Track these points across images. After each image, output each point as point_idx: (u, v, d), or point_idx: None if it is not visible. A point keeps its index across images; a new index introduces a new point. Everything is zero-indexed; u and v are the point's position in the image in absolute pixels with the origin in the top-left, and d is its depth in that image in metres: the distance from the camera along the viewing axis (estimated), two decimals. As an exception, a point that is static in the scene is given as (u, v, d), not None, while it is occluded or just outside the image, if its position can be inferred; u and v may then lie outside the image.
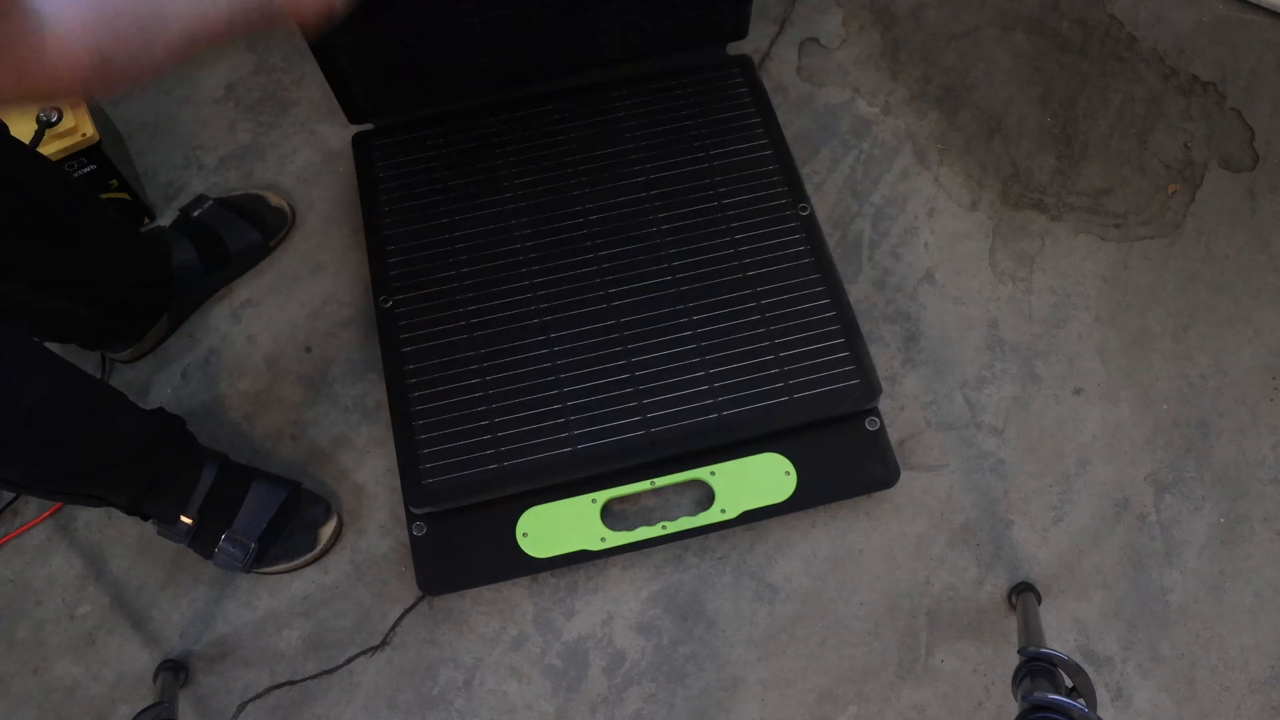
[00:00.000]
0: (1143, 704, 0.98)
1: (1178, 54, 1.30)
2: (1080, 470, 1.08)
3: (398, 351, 1.04)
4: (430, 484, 0.98)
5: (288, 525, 1.01)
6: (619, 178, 1.14)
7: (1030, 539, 1.05)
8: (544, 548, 0.99)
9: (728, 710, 0.98)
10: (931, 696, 0.99)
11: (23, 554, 1.05)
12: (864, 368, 1.02)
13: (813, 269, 1.08)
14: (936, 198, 1.22)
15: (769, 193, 1.12)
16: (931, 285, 1.17)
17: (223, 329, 1.16)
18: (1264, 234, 1.19)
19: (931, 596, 1.02)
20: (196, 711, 0.99)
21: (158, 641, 1.01)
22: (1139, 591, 1.02)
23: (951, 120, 1.27)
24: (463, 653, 1.01)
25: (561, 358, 1.04)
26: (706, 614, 1.02)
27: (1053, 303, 1.16)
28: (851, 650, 1.00)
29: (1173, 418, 1.10)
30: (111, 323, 1.05)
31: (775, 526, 1.05)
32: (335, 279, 1.18)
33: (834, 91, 1.29)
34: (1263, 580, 1.03)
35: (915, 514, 1.06)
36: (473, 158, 1.15)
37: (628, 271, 1.08)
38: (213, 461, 0.97)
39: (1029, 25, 1.33)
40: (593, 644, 1.01)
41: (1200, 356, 1.13)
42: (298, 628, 1.02)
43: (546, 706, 0.98)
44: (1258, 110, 1.26)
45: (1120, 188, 1.22)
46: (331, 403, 1.11)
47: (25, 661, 1.01)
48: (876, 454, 1.03)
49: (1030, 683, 0.77)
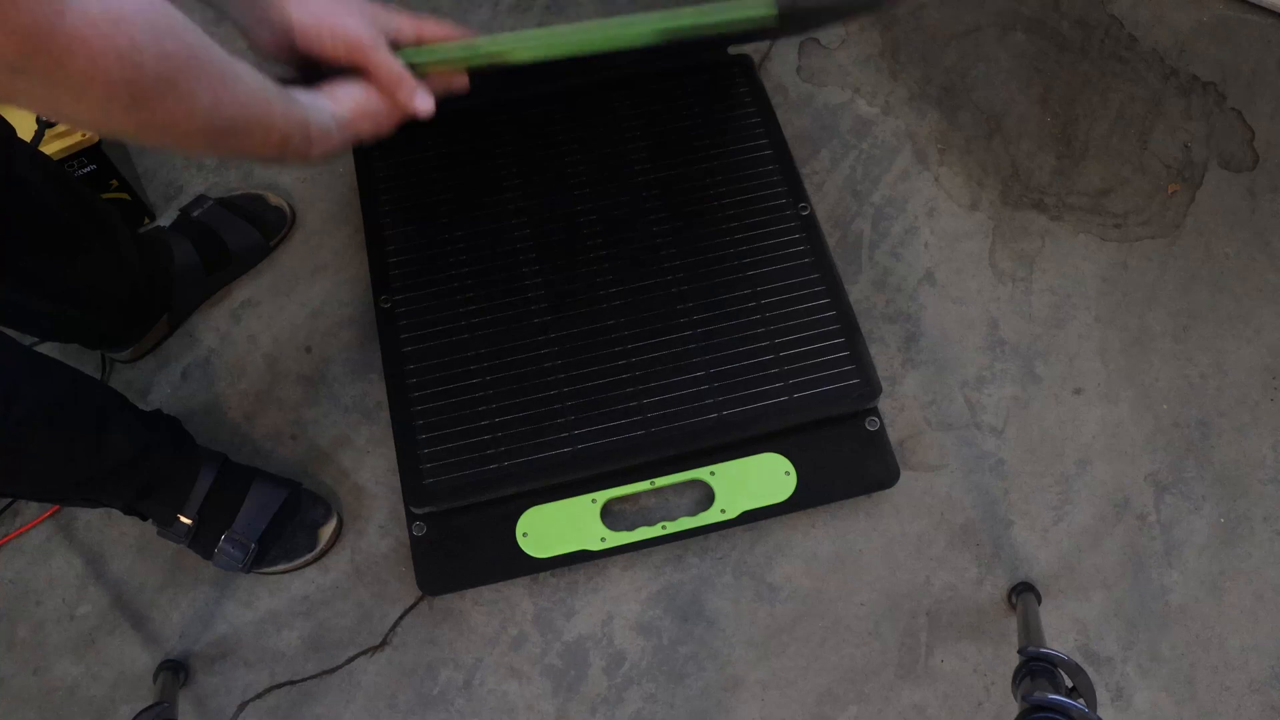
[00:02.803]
0: (1143, 704, 0.98)
1: (1178, 54, 1.30)
2: (1080, 470, 1.08)
3: (398, 351, 1.04)
4: (430, 484, 0.98)
5: (288, 526, 1.01)
6: (619, 178, 1.14)
7: (1030, 539, 1.05)
8: (544, 548, 0.99)
9: (728, 710, 0.98)
10: (931, 696, 0.99)
11: (23, 554, 1.05)
12: (864, 368, 1.02)
13: (813, 269, 1.08)
14: (936, 198, 1.22)
15: (769, 193, 1.12)
16: (931, 285, 1.17)
17: (223, 329, 1.16)
18: (1264, 234, 1.19)
19: (931, 596, 1.02)
20: (196, 711, 0.99)
21: (158, 641, 1.02)
22: (1139, 591, 1.03)
23: (951, 120, 1.27)
24: (463, 653, 1.01)
25: (562, 357, 1.04)
26: (706, 614, 1.02)
27: (1053, 303, 1.16)
28: (851, 650, 1.00)
29: (1173, 418, 1.10)
30: (112, 323, 1.04)
31: (775, 526, 1.05)
32: (335, 279, 1.18)
33: (834, 91, 1.29)
34: (1263, 580, 1.03)
35: (915, 514, 1.06)
36: (473, 157, 1.15)
37: (628, 271, 1.08)
38: (213, 462, 0.97)
39: (1029, 25, 1.33)
40: (593, 644, 1.01)
41: (1200, 356, 1.13)
42: (298, 628, 1.02)
43: (546, 706, 0.98)
44: (1258, 110, 1.26)
45: (1120, 188, 1.22)
46: (331, 403, 1.11)
47: (25, 661, 1.01)
48: (876, 454, 1.03)
49: (1030, 683, 0.77)
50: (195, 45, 0.53)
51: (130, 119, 0.51)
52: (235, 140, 0.58)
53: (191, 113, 0.53)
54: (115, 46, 0.47)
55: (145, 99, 0.50)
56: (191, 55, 0.52)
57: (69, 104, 0.48)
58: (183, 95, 0.52)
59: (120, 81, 0.48)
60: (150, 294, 1.07)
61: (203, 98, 0.54)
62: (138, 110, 0.50)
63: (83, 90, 0.47)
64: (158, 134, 0.54)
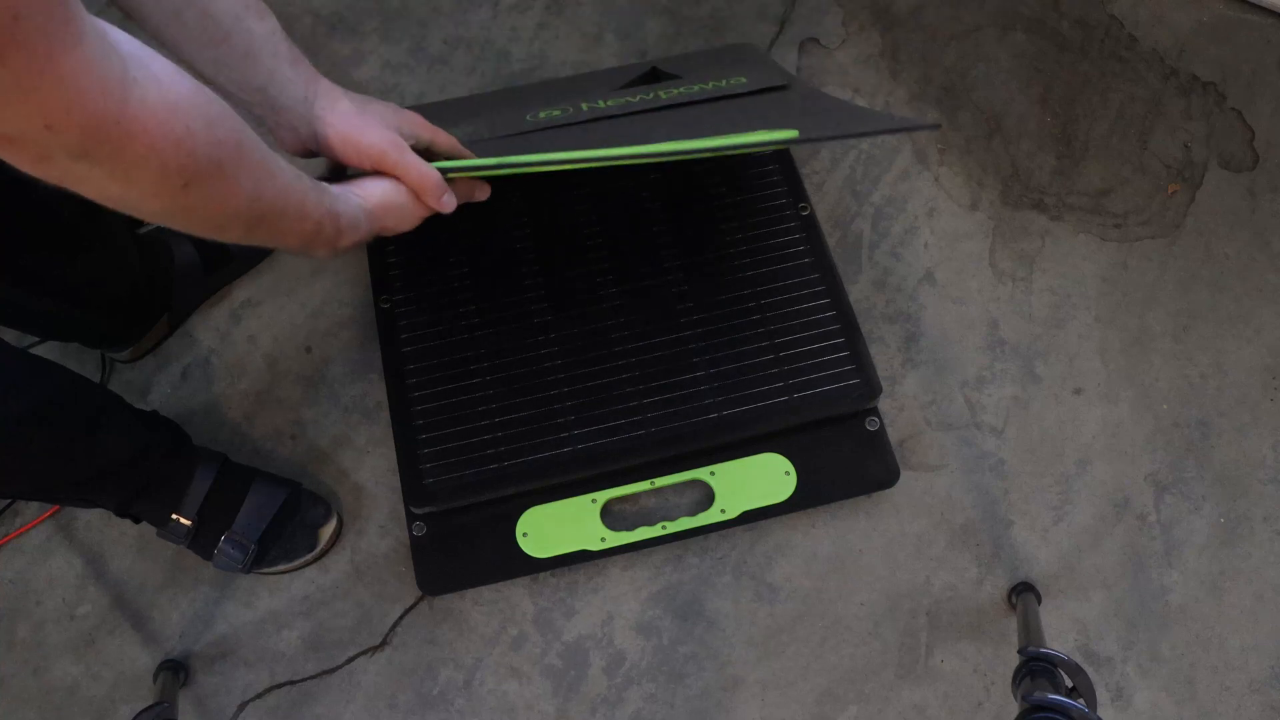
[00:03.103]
0: (1143, 704, 0.98)
1: (1178, 54, 1.30)
2: (1080, 470, 1.08)
3: (398, 351, 1.04)
4: (430, 484, 0.98)
5: (288, 526, 1.01)
6: (618, 177, 1.13)
7: (1030, 539, 1.05)
8: (544, 548, 0.99)
9: (728, 710, 0.98)
10: (931, 696, 0.99)
11: (23, 554, 1.05)
12: (864, 368, 1.02)
13: (813, 269, 1.08)
14: (936, 198, 1.22)
15: (769, 193, 1.12)
16: (931, 285, 1.17)
17: (223, 329, 1.16)
18: (1264, 234, 1.19)
19: (931, 596, 1.02)
20: (196, 711, 0.99)
21: (158, 641, 1.02)
22: (1139, 591, 1.03)
23: (951, 120, 1.27)
24: (463, 653, 1.01)
25: (562, 357, 1.04)
26: (706, 614, 1.02)
27: (1053, 303, 1.16)
28: (851, 650, 1.00)
29: (1173, 418, 1.10)
30: (112, 323, 1.04)
31: (775, 526, 1.05)
32: (335, 279, 1.18)
33: (834, 91, 1.29)
34: (1263, 580, 1.03)
35: (915, 514, 1.06)
36: (473, 158, 1.15)
37: (628, 271, 1.08)
38: (212, 462, 0.97)
39: (1029, 25, 1.33)
40: (593, 644, 1.01)
41: (1200, 356, 1.13)
42: (298, 628, 1.02)
43: (546, 706, 0.98)
44: (1258, 110, 1.26)
45: (1120, 188, 1.22)
46: (331, 403, 1.11)
47: (25, 661, 1.01)
48: (876, 454, 1.03)
49: (1030, 683, 0.77)
50: (241, 134, 0.55)
51: (179, 201, 0.53)
52: (271, 225, 0.61)
53: (235, 196, 0.56)
54: (173, 133, 0.49)
55: (196, 182, 0.52)
56: (238, 144, 0.55)
57: (121, 187, 0.50)
58: (229, 180, 0.55)
59: (174, 166, 0.51)
60: (150, 293, 1.07)
61: (246, 184, 0.56)
62: (187, 193, 0.52)
63: (139, 173, 0.50)
64: (201, 217, 0.56)
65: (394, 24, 1.33)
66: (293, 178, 0.62)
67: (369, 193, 0.73)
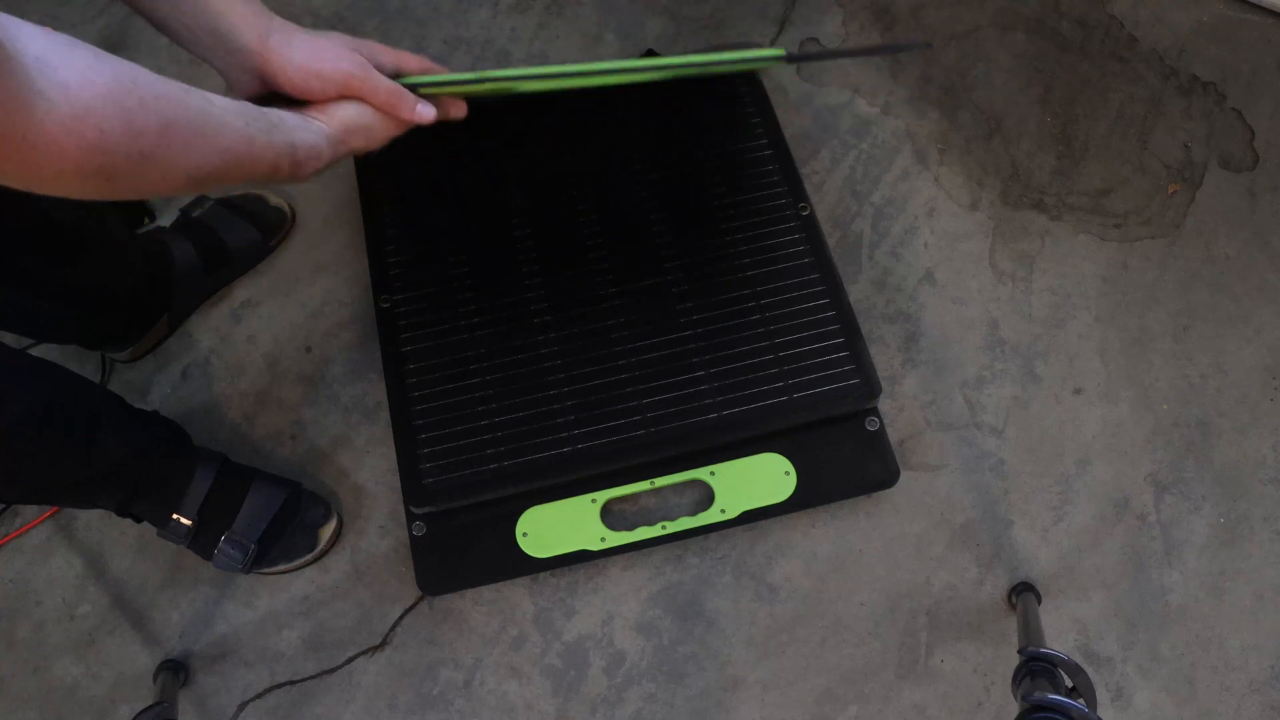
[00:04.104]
0: (1143, 704, 0.98)
1: (1178, 54, 1.30)
2: (1080, 470, 1.08)
3: (398, 351, 1.04)
4: (430, 484, 0.98)
5: (288, 526, 1.01)
6: (619, 177, 1.13)
7: (1030, 539, 1.05)
8: (544, 548, 0.99)
9: (728, 710, 0.98)
10: (931, 696, 0.99)
11: (23, 554, 1.05)
12: (864, 368, 1.02)
13: (813, 269, 1.07)
14: (936, 198, 1.22)
15: (769, 193, 1.12)
16: (931, 285, 1.17)
17: (223, 329, 1.16)
18: (1264, 234, 1.19)
19: (931, 596, 1.02)
20: (196, 711, 0.99)
21: (158, 641, 1.02)
22: (1139, 591, 1.03)
23: (951, 120, 1.27)
24: (463, 653, 1.01)
25: (561, 357, 1.04)
26: (706, 614, 1.02)
27: (1053, 303, 1.16)
28: (851, 650, 1.00)
29: (1173, 418, 1.10)
30: (112, 323, 1.04)
31: (775, 526, 1.05)
32: (335, 279, 1.18)
33: (834, 91, 1.29)
34: (1263, 580, 1.03)
35: (915, 514, 1.06)
36: (473, 158, 1.15)
37: (628, 271, 1.08)
38: (212, 462, 0.97)
39: (1029, 25, 1.33)
40: (593, 644, 1.01)
41: (1200, 356, 1.13)
42: (298, 628, 1.02)
43: (546, 706, 0.98)
44: (1258, 110, 1.26)
45: (1120, 188, 1.22)
46: (331, 403, 1.11)
47: (25, 661, 1.01)
48: (876, 454, 1.03)
49: (1030, 683, 0.77)
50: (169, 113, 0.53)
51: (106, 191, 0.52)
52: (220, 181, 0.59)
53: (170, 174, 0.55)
54: (84, 140, 0.48)
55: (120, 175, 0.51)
56: (165, 125, 0.53)
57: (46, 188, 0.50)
58: (158, 163, 0.53)
59: (92, 168, 0.49)
60: (150, 294, 1.07)
61: (180, 161, 0.55)
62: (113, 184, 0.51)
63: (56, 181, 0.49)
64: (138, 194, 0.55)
65: (394, 24, 1.33)
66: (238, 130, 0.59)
67: (332, 117, 0.70)
